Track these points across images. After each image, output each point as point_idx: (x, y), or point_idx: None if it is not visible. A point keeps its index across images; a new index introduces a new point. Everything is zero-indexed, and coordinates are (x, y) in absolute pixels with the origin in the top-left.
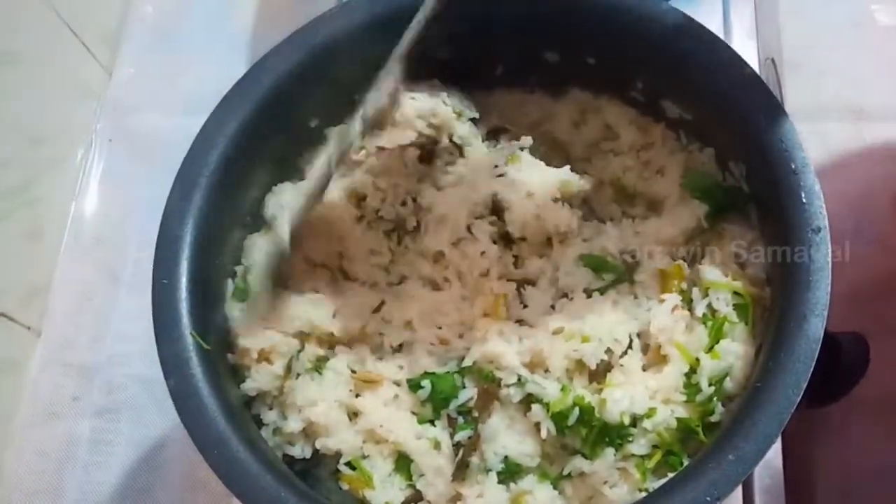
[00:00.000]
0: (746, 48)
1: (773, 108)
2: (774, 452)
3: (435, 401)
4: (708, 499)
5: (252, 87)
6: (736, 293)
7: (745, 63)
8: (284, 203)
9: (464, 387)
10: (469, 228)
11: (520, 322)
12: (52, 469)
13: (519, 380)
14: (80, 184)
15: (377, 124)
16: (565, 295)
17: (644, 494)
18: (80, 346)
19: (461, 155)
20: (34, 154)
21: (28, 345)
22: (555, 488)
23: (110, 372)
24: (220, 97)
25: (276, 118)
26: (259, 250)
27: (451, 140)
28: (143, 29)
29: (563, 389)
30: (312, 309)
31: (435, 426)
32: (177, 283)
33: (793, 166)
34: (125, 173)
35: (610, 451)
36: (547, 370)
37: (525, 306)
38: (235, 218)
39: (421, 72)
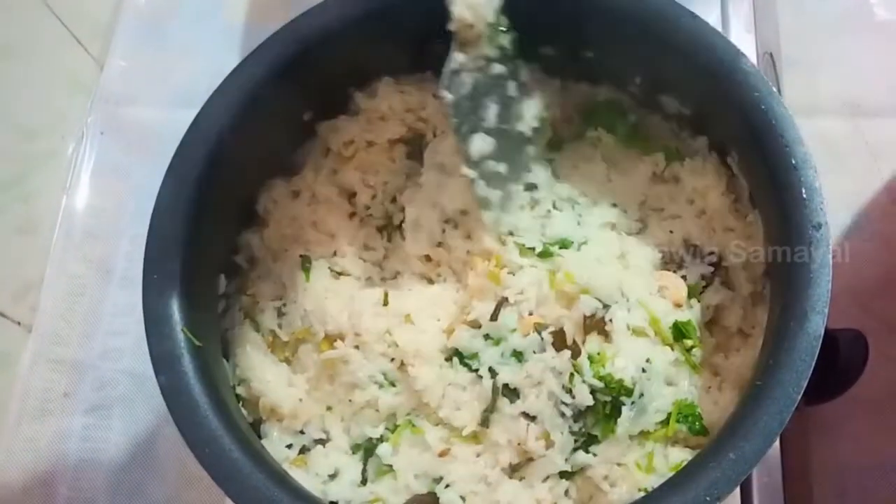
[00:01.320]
0: (744, 42)
1: (773, 103)
2: (773, 450)
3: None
4: (708, 498)
5: (244, 79)
6: None
7: (746, 58)
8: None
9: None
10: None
11: None
12: (43, 466)
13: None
14: (71, 177)
15: None
16: None
17: (643, 494)
18: (72, 342)
19: None
20: (26, 148)
21: (19, 340)
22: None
23: (102, 368)
24: (212, 89)
25: (269, 112)
26: None
27: None
28: (135, 21)
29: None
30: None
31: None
32: (168, 278)
33: (793, 161)
34: (117, 166)
35: (624, 419)
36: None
37: None
38: (227, 213)
39: (414, 64)
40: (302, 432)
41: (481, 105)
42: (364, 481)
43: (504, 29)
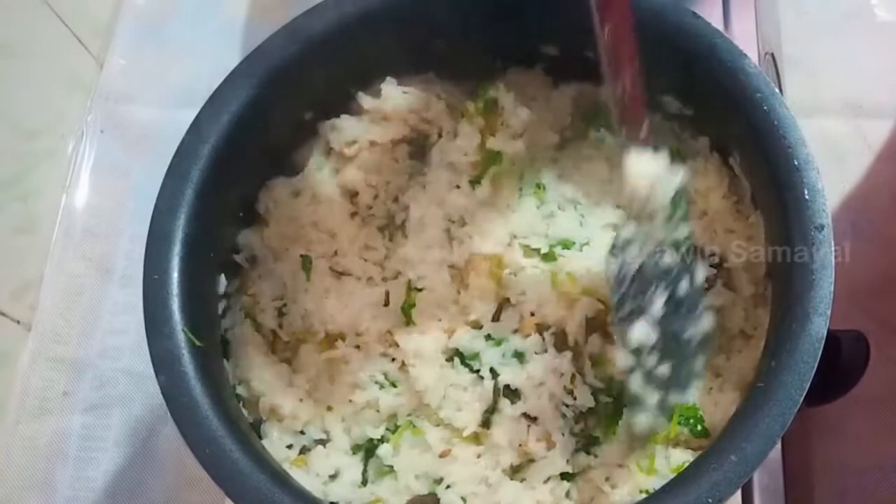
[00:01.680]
0: (746, 42)
1: (775, 104)
2: (774, 451)
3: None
4: (709, 500)
5: (245, 78)
6: None
7: (748, 58)
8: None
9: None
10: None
11: None
12: (42, 465)
13: None
14: (70, 176)
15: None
16: None
17: (644, 496)
18: (71, 341)
19: None
20: (25, 146)
21: (18, 339)
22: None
23: (101, 366)
24: (212, 89)
25: (270, 111)
26: None
27: None
28: (135, 20)
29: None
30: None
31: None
32: (168, 278)
33: (795, 163)
34: (117, 165)
35: (626, 421)
36: None
37: None
38: (228, 212)
39: (417, 64)
40: (302, 432)
41: (648, 290)
42: (365, 482)
43: (682, 218)
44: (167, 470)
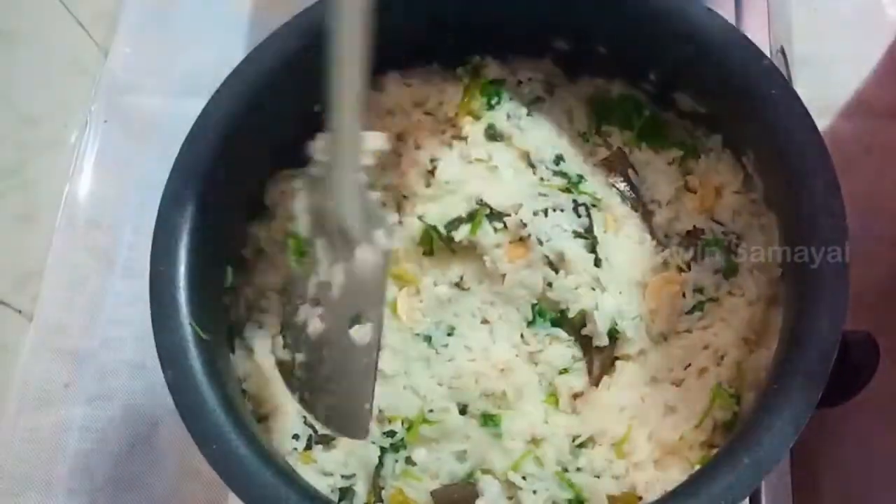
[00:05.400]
0: (758, 38)
1: (790, 102)
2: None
3: None
4: (722, 503)
5: (254, 69)
6: None
7: (763, 55)
8: None
9: None
10: None
11: None
12: (43, 457)
13: None
14: (73, 165)
15: None
16: None
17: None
18: (73, 332)
19: None
20: (27, 135)
21: (20, 329)
22: None
23: (103, 358)
24: (218, 78)
25: (279, 102)
26: None
27: None
28: (140, 7)
29: None
30: None
31: None
32: (175, 271)
33: (810, 161)
34: (120, 155)
35: None
36: None
37: None
38: (236, 205)
39: (420, 56)
40: (310, 426)
41: None
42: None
43: None
44: (169, 462)
